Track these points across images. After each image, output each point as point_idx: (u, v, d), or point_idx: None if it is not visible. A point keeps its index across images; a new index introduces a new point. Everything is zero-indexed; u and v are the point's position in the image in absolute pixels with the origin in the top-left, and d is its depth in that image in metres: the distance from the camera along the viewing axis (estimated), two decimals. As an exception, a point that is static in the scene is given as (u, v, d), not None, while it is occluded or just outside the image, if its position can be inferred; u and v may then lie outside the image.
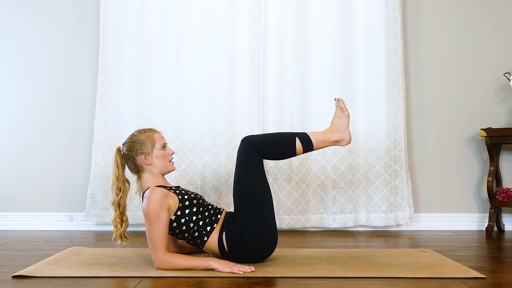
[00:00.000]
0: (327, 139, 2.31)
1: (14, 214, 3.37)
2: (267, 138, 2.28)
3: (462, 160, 3.45)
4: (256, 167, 2.22)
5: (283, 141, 2.26)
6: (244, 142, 2.24)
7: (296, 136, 2.26)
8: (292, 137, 2.26)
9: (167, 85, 3.31)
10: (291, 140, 2.25)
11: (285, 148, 2.26)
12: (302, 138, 2.26)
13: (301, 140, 2.25)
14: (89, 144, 3.35)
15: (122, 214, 2.22)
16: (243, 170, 2.22)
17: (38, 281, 1.94)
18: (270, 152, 2.26)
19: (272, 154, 2.29)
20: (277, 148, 2.26)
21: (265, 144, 2.24)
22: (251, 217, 2.18)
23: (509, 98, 3.45)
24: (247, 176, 2.22)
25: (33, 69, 3.44)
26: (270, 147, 2.24)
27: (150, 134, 2.31)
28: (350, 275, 2.02)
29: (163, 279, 1.97)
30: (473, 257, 2.48)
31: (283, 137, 2.28)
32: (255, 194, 2.20)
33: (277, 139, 2.28)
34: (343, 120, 2.33)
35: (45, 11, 3.45)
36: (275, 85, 3.33)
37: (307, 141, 2.27)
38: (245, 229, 2.18)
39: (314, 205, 3.29)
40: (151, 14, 3.33)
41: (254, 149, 2.21)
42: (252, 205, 2.19)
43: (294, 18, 3.33)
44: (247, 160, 2.22)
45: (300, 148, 2.26)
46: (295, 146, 2.25)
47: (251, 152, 2.21)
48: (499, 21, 3.50)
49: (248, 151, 2.22)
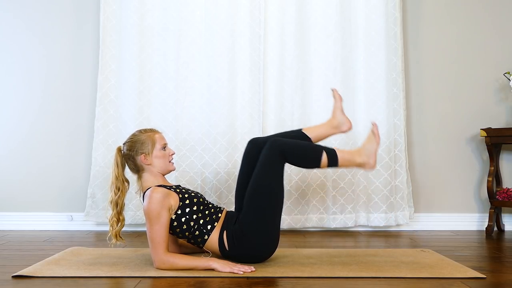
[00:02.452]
0: (353, 160, 2.28)
1: (14, 214, 3.37)
2: (295, 145, 2.27)
3: (462, 160, 3.45)
4: (278, 170, 2.22)
5: (310, 151, 2.26)
6: (272, 144, 2.23)
7: (324, 150, 2.25)
8: (320, 149, 2.26)
9: (167, 85, 3.31)
10: (318, 152, 2.24)
11: (311, 159, 2.25)
12: (329, 152, 2.25)
13: (328, 155, 2.24)
14: (89, 144, 3.35)
15: (119, 213, 2.23)
16: (264, 169, 2.22)
17: (38, 281, 1.94)
18: (295, 159, 2.26)
19: (297, 162, 2.29)
20: (302, 157, 2.26)
21: (292, 151, 2.23)
22: (260, 216, 2.19)
23: (509, 98, 3.45)
24: (268, 175, 2.21)
25: (33, 69, 3.44)
26: (296, 155, 2.24)
27: (151, 134, 2.31)
28: (350, 275, 2.02)
29: (163, 279, 1.97)
30: (473, 257, 2.48)
31: (311, 148, 2.28)
32: (270, 193, 2.20)
33: (305, 149, 2.27)
34: (373, 146, 2.31)
35: (45, 11, 3.45)
36: (275, 85, 3.33)
37: (333, 157, 2.25)
38: (249, 227, 2.18)
39: (314, 205, 3.29)
40: (151, 14, 3.33)
41: (280, 153, 2.21)
42: (265, 204, 2.19)
43: (294, 18, 3.34)
44: (271, 162, 2.21)
45: (325, 162, 2.24)
46: (321, 159, 2.23)
47: (276, 155, 2.21)
48: (499, 21, 3.50)
49: (274, 153, 2.21)
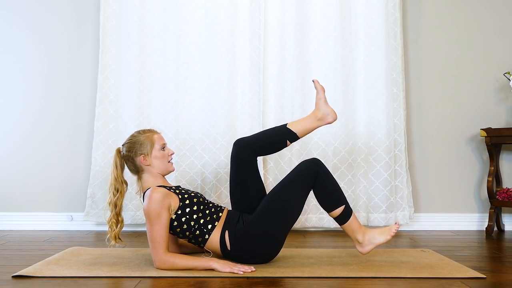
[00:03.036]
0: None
1: (14, 214, 3.37)
2: (331, 178, 2.27)
3: (462, 160, 3.45)
4: (306, 189, 2.23)
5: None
6: (313, 163, 2.23)
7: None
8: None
9: (167, 85, 3.31)
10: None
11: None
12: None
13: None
14: (89, 144, 3.35)
15: (118, 215, 2.23)
16: (292, 185, 2.21)
17: (38, 281, 1.94)
18: (323, 186, 2.26)
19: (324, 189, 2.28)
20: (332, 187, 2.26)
21: (326, 178, 2.23)
22: (273, 224, 2.18)
23: (509, 98, 3.45)
24: (295, 190, 2.21)
25: (33, 69, 3.44)
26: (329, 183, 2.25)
27: (150, 135, 2.31)
28: (350, 275, 2.02)
29: (163, 279, 1.97)
30: (473, 257, 2.48)
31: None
32: (291, 208, 2.20)
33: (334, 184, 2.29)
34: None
35: (45, 11, 3.45)
36: (275, 85, 3.33)
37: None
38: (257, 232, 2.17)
39: (314, 205, 3.29)
40: (151, 14, 3.33)
41: (315, 175, 2.20)
42: (280, 218, 2.19)
43: (294, 18, 3.33)
44: (304, 180, 2.21)
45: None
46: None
47: (312, 176, 2.20)
48: (499, 21, 3.50)
49: (310, 174, 2.21)
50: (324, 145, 3.30)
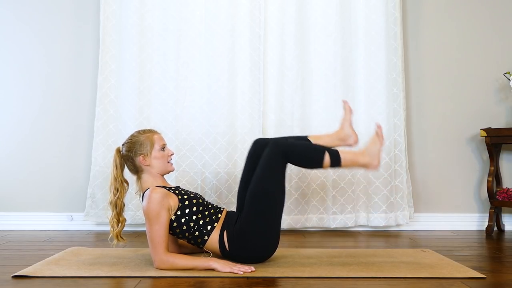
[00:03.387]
0: (356, 161, 2.28)
1: (14, 214, 3.37)
2: (297, 146, 2.28)
3: (462, 160, 3.45)
4: (280, 171, 2.22)
5: (312, 151, 2.26)
6: (274, 145, 2.24)
7: (326, 150, 2.24)
8: (322, 150, 2.25)
9: (167, 85, 3.31)
10: (320, 152, 2.24)
11: (313, 159, 2.25)
12: (332, 153, 2.24)
13: (330, 155, 2.23)
14: (89, 144, 3.35)
15: (119, 214, 2.23)
16: (265, 170, 2.21)
17: (38, 281, 1.94)
18: (297, 160, 2.26)
19: (299, 162, 2.29)
20: (304, 158, 2.26)
21: (294, 151, 2.24)
22: (261, 216, 2.18)
23: (509, 98, 3.45)
24: (269, 176, 2.21)
25: (33, 69, 3.44)
26: (298, 155, 2.24)
27: (149, 135, 2.31)
28: (350, 275, 2.02)
29: (163, 279, 1.97)
30: (473, 257, 2.48)
31: (313, 148, 2.28)
32: (271, 194, 2.20)
33: (307, 149, 2.28)
34: (377, 146, 2.31)
35: (45, 11, 3.45)
36: (275, 85, 3.33)
37: (336, 157, 2.24)
38: (250, 229, 2.18)
39: (314, 205, 3.29)
40: (151, 14, 3.33)
41: (282, 154, 2.21)
42: (266, 206, 2.19)
43: (294, 18, 3.33)
44: (272, 163, 2.21)
45: (327, 162, 2.23)
46: (323, 159, 2.22)
47: (278, 156, 2.21)
48: (499, 21, 3.50)
49: (276, 154, 2.21)
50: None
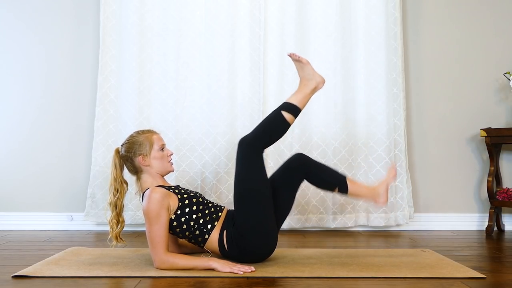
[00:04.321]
0: (305, 93, 2.31)
1: (14, 214, 3.37)
2: (259, 130, 2.27)
3: (462, 160, 3.45)
4: (255, 166, 2.23)
5: (272, 123, 2.27)
6: (240, 144, 2.24)
7: (281, 110, 2.26)
8: (278, 113, 2.26)
9: (167, 85, 3.31)
10: (278, 116, 2.26)
11: (278, 127, 2.26)
12: (286, 108, 2.27)
13: (287, 110, 2.26)
14: (89, 144, 3.35)
15: (118, 215, 2.23)
16: (242, 171, 2.23)
17: (38, 281, 1.94)
18: (268, 140, 2.27)
19: (270, 140, 2.29)
20: (271, 133, 2.26)
21: (258, 137, 2.24)
22: (249, 215, 2.18)
23: (509, 98, 3.45)
24: (246, 175, 2.22)
25: (33, 69, 3.44)
26: (264, 136, 2.25)
27: (149, 135, 2.31)
28: (350, 275, 2.02)
29: (163, 279, 1.97)
30: (473, 257, 2.48)
31: (271, 119, 2.28)
32: (253, 192, 2.20)
33: (267, 125, 2.28)
34: (307, 68, 2.33)
35: (45, 11, 3.45)
36: (275, 85, 3.33)
37: (292, 107, 2.27)
38: (243, 228, 2.18)
39: (314, 205, 3.29)
40: (151, 14, 3.33)
41: (250, 148, 2.22)
42: (251, 203, 2.19)
43: (294, 18, 3.33)
44: (245, 161, 2.22)
45: (290, 117, 2.26)
46: (285, 118, 2.25)
47: (248, 152, 2.22)
48: (499, 21, 3.50)
49: (245, 152, 2.22)
50: (324, 145, 3.30)
